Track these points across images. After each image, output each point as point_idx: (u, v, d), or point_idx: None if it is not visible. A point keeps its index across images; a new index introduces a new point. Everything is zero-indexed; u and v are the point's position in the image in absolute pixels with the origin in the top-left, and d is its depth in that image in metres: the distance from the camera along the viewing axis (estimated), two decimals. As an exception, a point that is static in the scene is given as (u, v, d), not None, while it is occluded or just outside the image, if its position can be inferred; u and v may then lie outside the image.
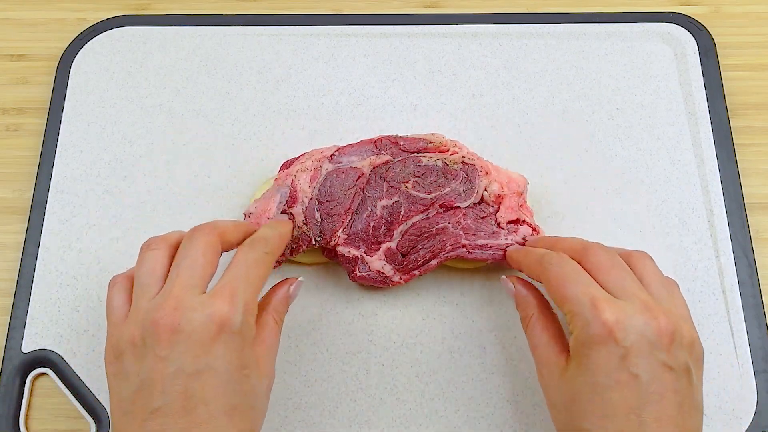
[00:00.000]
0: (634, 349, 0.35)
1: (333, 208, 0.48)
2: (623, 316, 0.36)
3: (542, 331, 0.41)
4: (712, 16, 0.61)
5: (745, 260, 0.51)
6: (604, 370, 0.35)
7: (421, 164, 0.49)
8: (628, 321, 0.36)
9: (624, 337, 0.35)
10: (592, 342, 0.36)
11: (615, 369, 0.35)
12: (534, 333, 0.41)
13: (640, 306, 0.37)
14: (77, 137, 0.56)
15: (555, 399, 0.39)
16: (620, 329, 0.35)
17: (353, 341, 0.49)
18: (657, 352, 0.36)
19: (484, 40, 0.60)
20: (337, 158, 0.50)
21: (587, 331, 0.36)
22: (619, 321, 0.36)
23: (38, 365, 0.49)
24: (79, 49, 0.60)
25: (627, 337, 0.35)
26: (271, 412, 0.47)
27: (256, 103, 0.57)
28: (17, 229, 0.54)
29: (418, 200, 0.48)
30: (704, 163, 0.54)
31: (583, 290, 0.37)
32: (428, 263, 0.48)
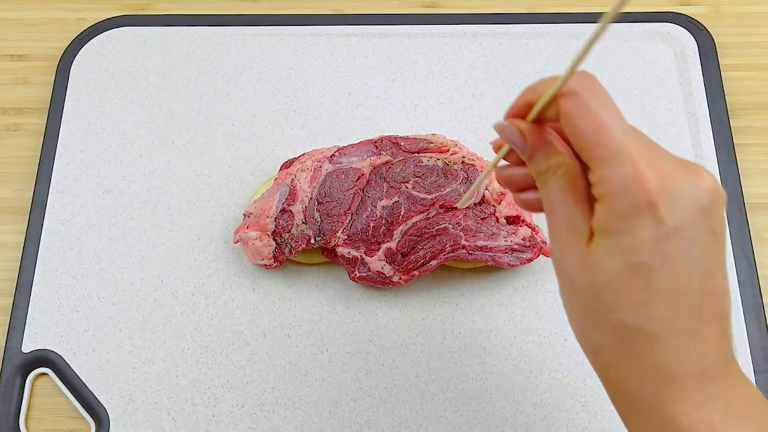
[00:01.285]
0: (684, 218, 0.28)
1: (333, 208, 0.48)
2: (669, 180, 0.28)
3: (569, 189, 0.31)
4: (712, 16, 0.61)
5: (745, 260, 0.51)
6: (648, 246, 0.28)
7: (421, 164, 0.49)
8: (676, 185, 0.28)
9: (672, 205, 0.28)
10: (632, 213, 0.28)
11: (662, 245, 0.28)
12: (557, 190, 0.31)
13: (682, 165, 0.29)
14: (77, 137, 0.56)
15: (578, 285, 0.30)
16: (667, 197, 0.28)
17: (353, 341, 0.49)
18: (708, 218, 0.29)
19: (484, 40, 0.60)
20: (337, 158, 0.50)
21: (626, 200, 0.28)
22: (664, 187, 0.28)
23: (38, 365, 0.49)
24: (79, 49, 0.60)
25: (675, 204, 0.28)
26: (271, 412, 0.47)
27: (256, 103, 0.57)
28: (17, 229, 0.54)
29: (419, 200, 0.48)
30: (704, 163, 0.54)
31: (622, 141, 0.29)
32: (428, 264, 0.48)
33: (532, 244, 0.48)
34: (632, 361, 0.29)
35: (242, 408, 0.48)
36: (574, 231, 0.30)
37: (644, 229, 0.28)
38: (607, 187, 0.29)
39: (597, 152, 0.29)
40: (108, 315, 0.50)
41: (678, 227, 0.28)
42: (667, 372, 0.29)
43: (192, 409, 0.48)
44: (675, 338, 0.28)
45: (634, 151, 0.29)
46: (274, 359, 0.49)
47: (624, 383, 0.30)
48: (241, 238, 0.49)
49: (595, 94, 0.31)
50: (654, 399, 0.29)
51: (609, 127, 0.29)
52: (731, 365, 0.29)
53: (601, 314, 0.30)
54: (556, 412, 0.47)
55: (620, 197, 0.28)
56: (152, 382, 0.48)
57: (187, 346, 0.49)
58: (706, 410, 0.28)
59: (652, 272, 0.28)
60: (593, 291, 0.30)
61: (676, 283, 0.28)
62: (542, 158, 0.32)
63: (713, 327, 0.29)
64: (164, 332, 0.50)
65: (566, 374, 0.48)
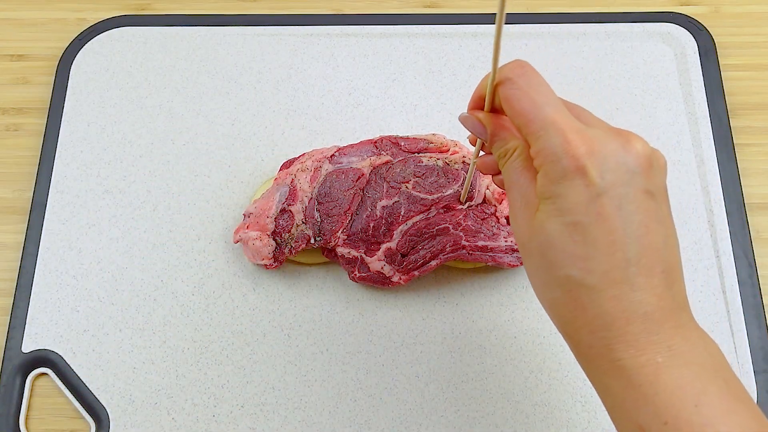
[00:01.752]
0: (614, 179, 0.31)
1: (333, 208, 0.48)
2: (597, 145, 0.31)
3: (523, 168, 0.34)
4: (712, 16, 0.61)
5: (745, 260, 0.51)
6: (582, 206, 0.31)
7: (421, 164, 0.49)
8: (603, 150, 0.31)
9: (601, 168, 0.31)
10: (563, 178, 0.31)
11: (594, 204, 0.31)
12: (513, 170, 0.35)
13: (611, 131, 0.33)
14: (77, 137, 0.56)
15: (530, 248, 0.34)
16: (595, 161, 0.31)
17: (353, 341, 0.49)
18: (637, 178, 0.32)
19: (484, 40, 0.60)
20: (337, 158, 0.50)
21: (557, 167, 0.32)
22: (592, 152, 0.31)
23: (38, 365, 0.49)
24: (79, 49, 0.60)
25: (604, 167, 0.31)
26: (271, 412, 0.47)
27: (256, 103, 0.57)
28: (17, 229, 0.54)
29: (419, 201, 0.48)
30: (704, 163, 0.54)
31: (551, 115, 0.32)
32: (428, 264, 0.48)
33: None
34: (580, 313, 0.32)
35: (242, 408, 0.48)
36: (526, 203, 0.34)
37: (576, 191, 0.31)
38: (542, 158, 0.32)
39: (531, 128, 0.33)
40: (108, 315, 0.50)
41: (607, 187, 0.31)
42: (610, 320, 0.31)
43: (192, 409, 0.48)
44: (614, 289, 0.31)
45: (563, 123, 0.32)
46: (274, 359, 0.49)
47: (576, 335, 0.32)
48: (241, 238, 0.49)
49: (527, 78, 0.34)
50: (602, 346, 0.31)
51: (540, 104, 0.33)
52: (679, 314, 0.32)
53: (550, 272, 0.33)
54: (556, 412, 0.47)
55: (552, 165, 0.32)
56: (152, 382, 0.48)
57: (187, 346, 0.49)
58: (650, 354, 0.30)
59: (587, 229, 0.31)
60: (541, 251, 0.33)
61: (611, 238, 0.31)
62: (500, 143, 0.36)
63: (653, 277, 0.31)
64: (164, 332, 0.50)
65: (566, 374, 0.48)
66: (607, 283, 0.31)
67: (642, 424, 0.30)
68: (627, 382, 0.31)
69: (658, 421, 0.30)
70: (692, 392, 0.30)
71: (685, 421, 0.29)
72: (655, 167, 0.33)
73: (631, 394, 0.31)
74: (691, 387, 0.30)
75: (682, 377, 0.30)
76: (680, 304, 0.32)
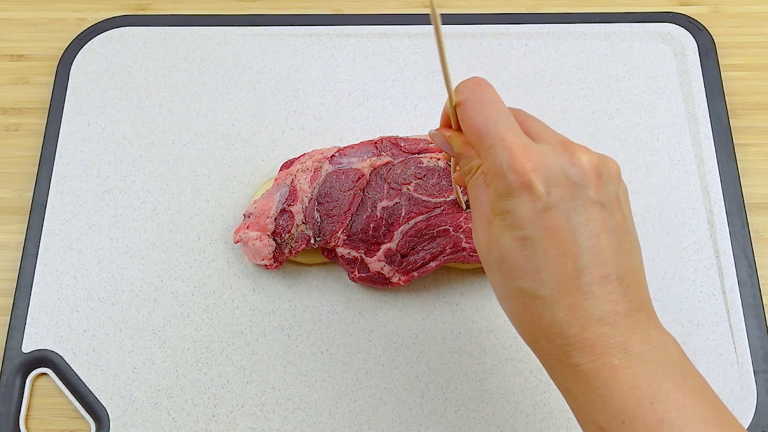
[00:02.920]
0: (560, 192, 0.32)
1: (333, 209, 0.48)
2: (542, 160, 0.32)
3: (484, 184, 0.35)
4: (712, 16, 0.61)
5: (745, 260, 0.51)
6: (530, 221, 0.32)
7: (422, 165, 0.49)
8: (548, 164, 0.32)
9: (546, 182, 0.32)
10: (510, 194, 0.32)
11: (542, 218, 0.32)
12: (476, 186, 0.35)
13: (559, 146, 0.33)
14: (77, 137, 0.56)
15: (488, 261, 0.35)
16: (541, 175, 0.32)
17: (353, 341, 0.49)
18: (584, 190, 0.32)
19: (484, 40, 0.60)
20: (337, 159, 0.50)
21: (504, 183, 0.32)
22: (537, 168, 0.32)
23: (38, 365, 0.49)
24: (79, 49, 0.60)
25: (549, 181, 0.32)
26: (271, 412, 0.47)
27: (256, 104, 0.57)
28: (17, 229, 0.54)
29: (420, 203, 0.48)
30: (704, 163, 0.54)
31: (501, 132, 0.33)
32: (428, 265, 0.48)
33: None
34: (536, 322, 0.33)
35: (242, 408, 0.48)
36: (484, 220, 0.35)
37: (523, 206, 0.32)
38: (491, 175, 0.33)
39: (482, 145, 0.34)
40: (108, 315, 0.50)
41: (554, 201, 0.32)
42: (566, 328, 0.32)
43: (192, 409, 0.48)
44: (567, 298, 0.32)
45: (510, 140, 0.33)
46: (274, 359, 0.49)
47: (536, 343, 0.33)
48: (241, 238, 0.49)
49: (481, 95, 0.35)
50: (560, 353, 0.32)
51: (491, 121, 0.34)
52: (636, 316, 0.32)
53: (506, 284, 0.34)
54: (556, 412, 0.47)
55: (500, 181, 0.33)
56: (152, 382, 0.48)
57: (187, 346, 0.49)
58: (606, 357, 0.31)
59: (536, 243, 0.32)
60: (497, 265, 0.34)
61: (561, 250, 0.32)
62: (465, 160, 0.37)
63: (607, 284, 0.32)
64: (164, 332, 0.50)
65: (566, 374, 0.48)
66: (560, 294, 0.32)
67: (602, 424, 0.31)
68: (586, 386, 0.32)
69: (616, 421, 0.31)
70: (648, 390, 0.30)
71: (641, 419, 0.30)
72: (604, 177, 0.33)
73: (590, 397, 0.31)
74: (647, 385, 0.31)
75: (638, 377, 0.31)
76: (637, 306, 0.32)
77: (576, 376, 0.32)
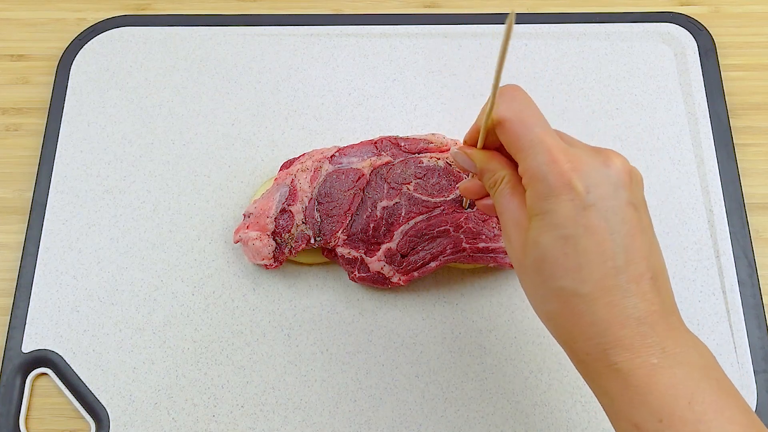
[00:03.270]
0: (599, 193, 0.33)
1: (333, 208, 0.48)
2: (579, 163, 0.34)
3: (512, 194, 0.37)
4: (712, 16, 0.61)
5: (745, 260, 0.51)
6: (570, 220, 0.33)
7: (422, 165, 0.49)
8: (586, 167, 0.33)
9: (586, 183, 0.33)
10: (551, 194, 0.33)
11: (582, 217, 0.33)
12: (503, 196, 0.37)
13: (592, 150, 0.35)
14: (77, 137, 0.56)
15: (525, 264, 0.35)
16: (579, 176, 0.33)
17: (353, 341, 0.49)
18: (620, 192, 0.34)
19: (484, 40, 0.60)
20: (337, 159, 0.50)
21: (545, 184, 0.34)
22: (576, 168, 0.33)
23: (38, 365, 0.49)
24: (79, 49, 0.60)
25: (589, 182, 0.33)
26: (271, 412, 0.47)
27: (256, 103, 0.57)
28: (17, 229, 0.54)
29: (421, 203, 0.48)
30: (704, 163, 0.54)
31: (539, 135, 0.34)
32: (428, 265, 0.48)
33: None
34: (576, 321, 0.33)
35: (242, 408, 0.48)
36: (517, 225, 0.36)
37: (564, 205, 0.33)
38: (530, 176, 0.34)
39: (519, 146, 0.35)
40: (108, 315, 0.50)
41: (593, 200, 0.33)
42: (605, 326, 0.32)
43: (192, 409, 0.48)
44: (607, 296, 0.32)
45: (549, 143, 0.34)
46: (274, 359, 0.49)
47: (574, 343, 0.34)
48: (241, 238, 0.49)
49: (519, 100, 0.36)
50: (599, 352, 0.33)
51: (529, 124, 0.35)
52: (669, 318, 0.33)
53: (545, 285, 0.34)
54: (556, 412, 0.47)
55: (540, 182, 0.34)
56: (152, 382, 0.48)
57: (187, 346, 0.49)
58: (644, 356, 0.32)
59: (577, 241, 0.33)
60: (535, 266, 0.34)
61: (600, 248, 0.33)
62: (489, 174, 0.38)
63: (643, 283, 0.33)
64: (164, 332, 0.50)
65: (566, 374, 0.48)
66: (600, 291, 0.33)
67: (638, 422, 0.32)
68: (623, 384, 0.32)
69: (654, 419, 0.31)
70: (685, 391, 0.31)
71: (678, 418, 0.31)
72: (634, 181, 0.35)
73: (627, 395, 0.32)
74: (684, 386, 0.31)
75: (675, 377, 0.31)
76: (670, 308, 0.33)
77: (613, 375, 0.32)
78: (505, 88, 0.36)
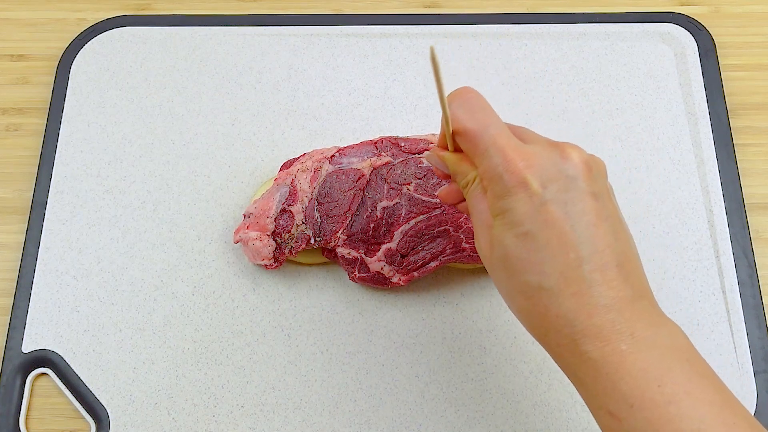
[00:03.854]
0: (555, 187, 0.34)
1: (333, 209, 0.48)
2: (535, 159, 0.34)
3: (482, 194, 0.37)
4: (712, 16, 0.61)
5: (745, 260, 0.51)
6: (528, 216, 0.33)
7: (422, 165, 0.49)
8: (541, 162, 0.34)
9: (541, 178, 0.34)
10: (508, 193, 0.34)
11: (540, 212, 0.33)
12: (473, 197, 0.37)
13: (548, 145, 0.35)
14: (77, 137, 0.56)
15: (492, 262, 0.36)
16: (534, 173, 0.34)
17: (353, 341, 0.49)
18: (578, 183, 0.34)
19: (484, 40, 0.60)
20: (337, 159, 0.50)
21: (501, 184, 0.34)
22: (530, 165, 0.34)
23: (38, 365, 0.49)
24: (79, 49, 0.60)
25: (544, 177, 0.34)
26: (271, 412, 0.47)
27: (256, 104, 0.57)
28: (17, 229, 0.54)
29: (421, 203, 0.48)
30: (704, 163, 0.55)
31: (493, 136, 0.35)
32: (428, 265, 0.48)
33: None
34: (544, 314, 0.34)
35: (242, 408, 0.48)
36: (484, 225, 0.36)
37: (521, 203, 0.34)
38: (488, 178, 0.35)
39: (476, 151, 0.35)
40: (108, 315, 0.50)
41: (550, 195, 0.33)
42: (573, 317, 0.33)
43: (192, 409, 0.48)
44: (571, 287, 0.33)
45: (503, 143, 0.35)
46: (274, 359, 0.49)
47: (545, 336, 0.34)
48: (241, 238, 0.49)
49: (473, 102, 0.37)
50: (569, 342, 0.33)
51: (484, 126, 0.35)
52: (639, 302, 0.33)
53: (512, 281, 0.35)
54: (556, 412, 0.47)
55: (497, 183, 0.34)
56: (152, 382, 0.48)
57: (187, 346, 0.49)
58: (614, 343, 0.32)
59: (537, 236, 0.33)
60: (502, 263, 0.35)
61: (562, 240, 0.33)
62: (461, 176, 0.38)
63: (609, 271, 0.33)
64: (164, 332, 0.50)
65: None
66: (565, 283, 0.33)
67: (612, 410, 0.32)
68: (595, 373, 0.32)
69: (626, 405, 0.31)
70: (655, 374, 0.31)
71: (649, 401, 0.31)
72: (594, 172, 0.35)
73: (600, 383, 0.32)
74: (655, 369, 0.31)
75: (645, 361, 0.32)
76: (639, 293, 0.34)
77: (585, 364, 0.33)
78: (457, 93, 0.37)
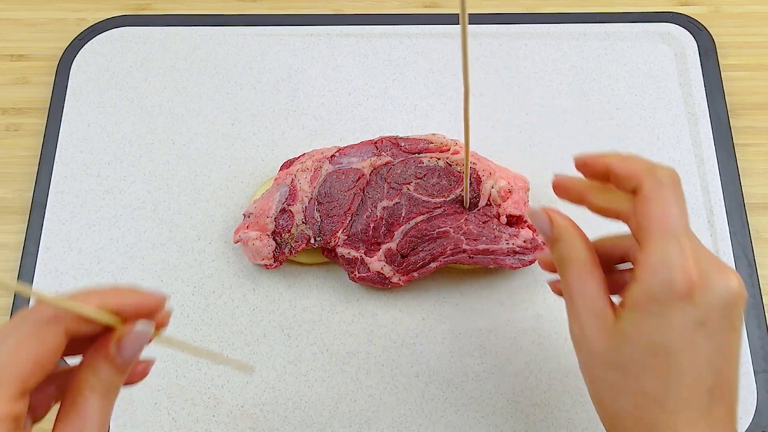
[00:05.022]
0: (713, 313, 0.32)
1: (333, 208, 0.48)
2: (705, 276, 0.32)
3: (590, 276, 0.34)
4: (712, 16, 0.61)
5: (745, 260, 0.51)
6: (678, 331, 0.32)
7: (422, 165, 0.49)
8: (710, 281, 0.32)
9: (705, 298, 0.32)
10: (670, 299, 0.32)
11: (690, 331, 0.32)
12: (578, 277, 0.35)
13: (715, 265, 0.33)
14: (77, 137, 0.56)
15: (604, 356, 0.34)
16: (702, 291, 0.32)
17: (353, 341, 0.49)
18: (730, 313, 0.32)
19: (484, 40, 0.60)
20: (337, 159, 0.50)
21: (667, 286, 0.32)
22: (701, 280, 0.32)
23: (38, 365, 0.49)
24: (79, 49, 0.60)
25: (708, 297, 0.32)
26: (271, 412, 0.47)
27: (256, 103, 0.57)
28: (17, 229, 0.54)
29: (421, 203, 0.48)
30: (704, 163, 0.55)
31: (679, 231, 0.32)
32: (427, 266, 0.48)
33: (534, 245, 0.48)
34: (647, 424, 0.33)
35: (242, 408, 0.48)
36: (595, 312, 0.34)
37: (677, 314, 0.32)
38: (651, 269, 0.32)
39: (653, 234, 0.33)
40: (108, 315, 0.50)
41: (706, 318, 0.32)
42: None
43: (192, 409, 0.48)
44: (689, 412, 0.32)
45: (687, 245, 0.32)
46: (274, 359, 0.49)
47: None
48: (241, 238, 0.49)
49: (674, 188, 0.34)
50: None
51: (674, 215, 0.33)
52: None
53: (625, 381, 0.33)
54: (556, 412, 0.47)
55: (662, 281, 0.32)
56: (152, 382, 0.48)
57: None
58: None
59: (677, 354, 0.32)
60: (619, 359, 0.33)
61: (697, 367, 0.32)
62: (563, 244, 0.36)
63: (722, 407, 0.33)
64: (164, 332, 0.50)
65: (566, 374, 0.48)
66: (684, 407, 0.32)
67: None
68: None
69: None
70: None
71: None
72: (741, 303, 0.33)
73: None
74: None
75: None
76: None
77: None
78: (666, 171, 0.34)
